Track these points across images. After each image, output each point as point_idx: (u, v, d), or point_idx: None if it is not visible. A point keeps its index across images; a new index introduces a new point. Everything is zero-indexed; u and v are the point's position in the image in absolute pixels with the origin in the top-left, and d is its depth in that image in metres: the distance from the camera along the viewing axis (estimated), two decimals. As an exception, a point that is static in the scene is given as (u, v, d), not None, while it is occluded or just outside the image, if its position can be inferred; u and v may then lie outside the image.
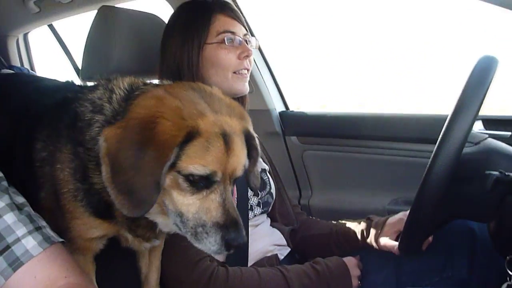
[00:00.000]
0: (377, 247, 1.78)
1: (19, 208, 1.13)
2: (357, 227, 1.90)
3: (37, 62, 3.52)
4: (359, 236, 1.86)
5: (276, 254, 1.82)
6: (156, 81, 1.40)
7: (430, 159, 1.21)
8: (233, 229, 1.06)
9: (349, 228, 1.93)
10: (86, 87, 1.35)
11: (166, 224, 1.17)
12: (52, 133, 1.22)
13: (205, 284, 1.51)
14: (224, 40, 1.72)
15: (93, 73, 1.94)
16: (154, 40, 1.84)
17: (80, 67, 2.09)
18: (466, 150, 1.26)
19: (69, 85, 1.48)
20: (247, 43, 1.79)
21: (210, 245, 1.07)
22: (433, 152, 1.20)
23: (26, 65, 3.42)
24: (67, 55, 3.24)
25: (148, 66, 1.90)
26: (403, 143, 2.44)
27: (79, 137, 1.15)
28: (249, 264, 1.74)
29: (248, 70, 1.80)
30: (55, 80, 1.66)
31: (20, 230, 1.09)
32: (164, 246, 1.53)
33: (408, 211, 1.80)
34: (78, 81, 2.68)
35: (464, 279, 1.65)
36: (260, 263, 1.75)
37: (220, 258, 1.67)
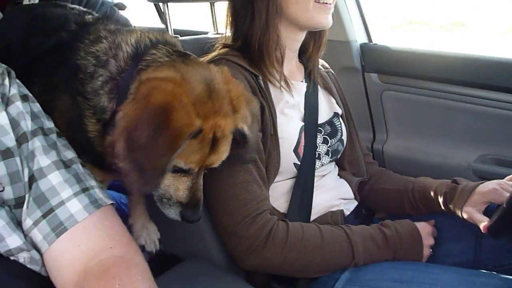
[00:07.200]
0: (460, 216, 1.56)
1: (66, 165, 1.03)
2: (439, 188, 1.67)
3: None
4: (440, 200, 1.64)
5: (342, 210, 1.68)
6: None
7: None
8: (191, 209, 1.20)
9: (428, 188, 1.71)
10: (86, 31, 1.29)
11: None
12: (49, 81, 1.26)
13: (263, 240, 1.41)
14: None
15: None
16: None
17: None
18: None
19: (65, 22, 1.39)
20: None
21: (169, 213, 1.22)
22: None
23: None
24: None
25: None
26: (499, 93, 2.08)
27: (79, 88, 1.19)
28: (312, 217, 1.62)
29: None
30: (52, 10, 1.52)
31: (65, 192, 0.99)
32: (220, 198, 1.44)
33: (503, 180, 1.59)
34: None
35: None
36: (324, 217, 1.62)
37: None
